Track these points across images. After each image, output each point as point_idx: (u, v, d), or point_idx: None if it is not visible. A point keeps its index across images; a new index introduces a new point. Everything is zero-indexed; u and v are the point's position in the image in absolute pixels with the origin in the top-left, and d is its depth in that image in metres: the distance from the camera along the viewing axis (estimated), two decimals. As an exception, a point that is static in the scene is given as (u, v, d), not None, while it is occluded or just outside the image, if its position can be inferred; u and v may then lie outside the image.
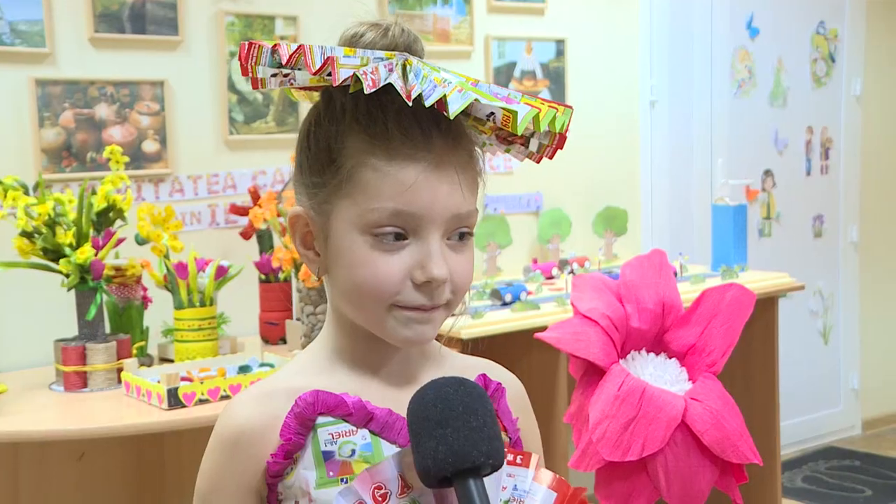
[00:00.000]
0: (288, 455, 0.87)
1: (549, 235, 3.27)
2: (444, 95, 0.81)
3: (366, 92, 0.81)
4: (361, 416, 0.88)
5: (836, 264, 4.26)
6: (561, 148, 0.91)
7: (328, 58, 0.82)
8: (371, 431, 0.88)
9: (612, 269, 3.10)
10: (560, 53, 3.35)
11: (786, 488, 3.59)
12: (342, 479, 0.86)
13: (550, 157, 0.92)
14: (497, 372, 1.00)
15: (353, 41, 0.87)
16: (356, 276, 0.86)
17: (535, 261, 3.24)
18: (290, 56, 0.82)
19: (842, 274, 4.27)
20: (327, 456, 0.87)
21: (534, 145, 0.91)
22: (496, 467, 0.80)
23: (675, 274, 2.96)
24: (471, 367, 0.98)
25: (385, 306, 0.87)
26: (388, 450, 0.87)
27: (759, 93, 3.92)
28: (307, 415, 0.87)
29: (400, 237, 0.85)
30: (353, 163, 0.86)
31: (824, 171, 4.17)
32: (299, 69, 0.84)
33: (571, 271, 3.06)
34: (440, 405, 0.79)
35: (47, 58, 2.46)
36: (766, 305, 2.99)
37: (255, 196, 2.56)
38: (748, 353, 3.02)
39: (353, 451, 0.87)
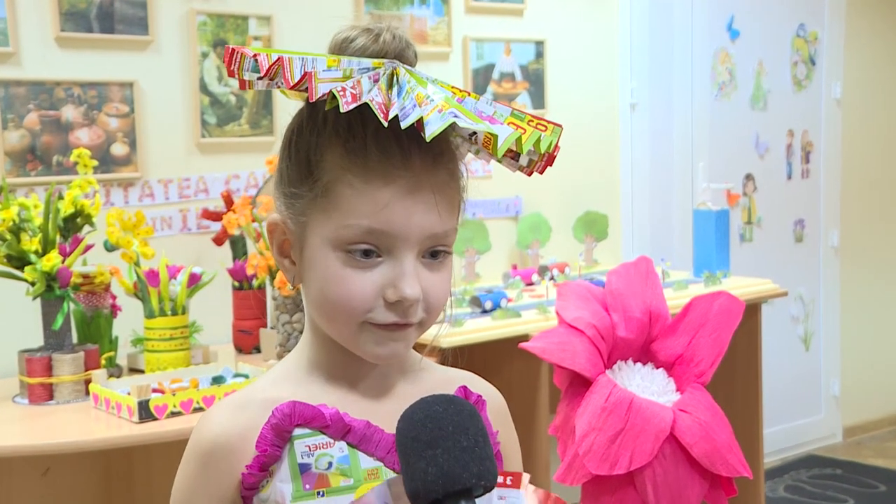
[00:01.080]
0: (263, 467, 0.86)
1: (528, 241, 3.23)
2: (422, 117, 0.80)
3: (341, 111, 0.80)
4: (339, 428, 0.87)
5: (817, 269, 4.25)
6: (550, 165, 0.89)
7: (306, 73, 0.81)
8: (349, 444, 0.88)
9: (592, 275, 3.06)
10: (539, 55, 3.30)
11: (768, 498, 3.57)
12: (318, 493, 0.86)
13: (541, 173, 0.90)
14: (477, 384, 0.99)
15: (343, 45, 0.86)
16: (329, 292, 0.86)
17: (514, 267, 3.19)
18: (269, 68, 0.81)
19: (823, 279, 4.26)
20: (304, 468, 0.86)
21: (524, 160, 0.89)
22: (488, 489, 0.78)
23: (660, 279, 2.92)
24: (450, 380, 0.96)
25: (357, 323, 0.86)
26: (366, 462, 0.87)
27: (740, 96, 3.90)
28: (284, 426, 0.87)
29: (373, 254, 0.85)
30: (330, 178, 0.85)
31: (805, 174, 4.16)
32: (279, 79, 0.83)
33: (552, 277, 3.01)
34: (430, 425, 0.77)
35: (11, 57, 2.39)
36: (750, 312, 2.96)
37: (229, 201, 2.50)
38: (731, 360, 2.98)
39: (331, 464, 0.86)
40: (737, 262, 3.48)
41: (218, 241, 2.50)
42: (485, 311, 2.64)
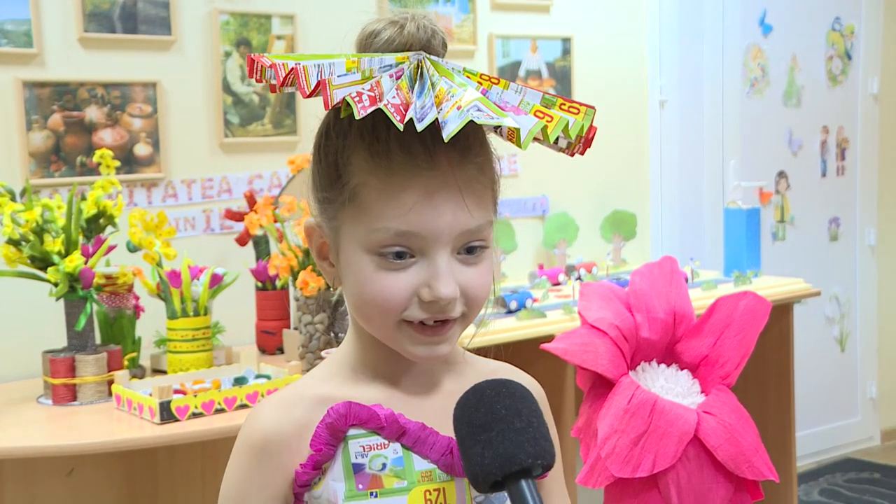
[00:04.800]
0: (317, 466, 0.87)
1: (555, 240, 3.19)
2: (436, 119, 0.79)
3: (356, 118, 0.79)
4: (394, 430, 0.88)
5: (853, 269, 4.16)
6: (589, 146, 0.88)
7: (320, 81, 0.80)
8: (403, 445, 0.88)
9: (620, 274, 3.01)
10: (566, 52, 3.26)
11: (802, 502, 3.50)
12: (371, 493, 0.86)
13: (581, 153, 0.89)
14: (520, 376, 1.00)
15: (369, 39, 0.86)
16: (364, 294, 0.86)
17: (540, 266, 3.16)
18: (285, 78, 0.81)
19: (859, 278, 4.18)
20: (357, 468, 0.87)
21: (562, 142, 0.88)
22: (547, 467, 0.78)
23: (686, 280, 2.88)
24: (494, 372, 0.97)
25: (393, 323, 0.86)
26: (420, 464, 0.88)
27: (773, 92, 3.83)
28: (339, 426, 0.87)
29: (406, 255, 0.85)
30: (357, 182, 0.85)
31: (840, 172, 4.08)
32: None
33: (579, 277, 2.98)
34: (482, 409, 0.79)
35: (35, 58, 2.39)
36: (781, 312, 2.91)
37: (251, 201, 2.49)
38: (762, 361, 2.93)
39: (384, 466, 0.87)
40: (769, 262, 3.42)
41: (241, 241, 2.50)
42: (510, 312, 2.61)
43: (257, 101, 2.68)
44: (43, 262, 2.07)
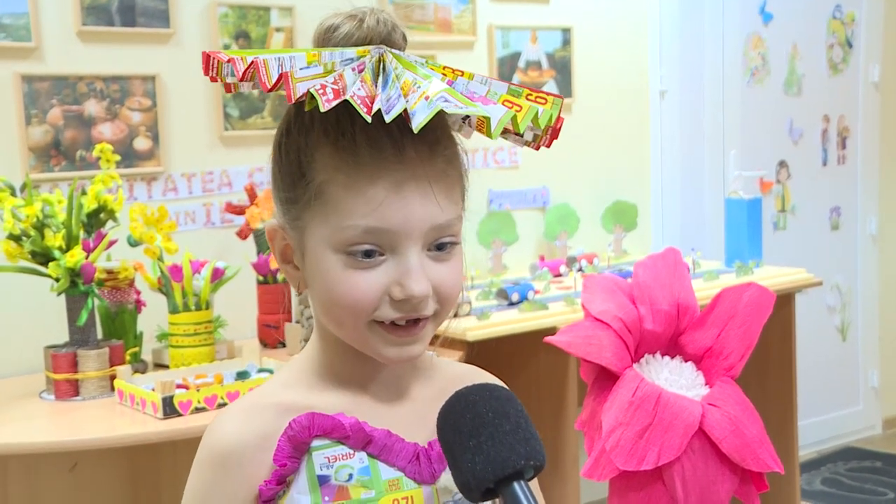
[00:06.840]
0: (281, 480, 0.85)
1: (556, 232, 3.19)
2: (406, 109, 0.76)
3: (321, 110, 0.76)
4: (360, 439, 0.85)
5: (855, 258, 4.15)
6: (556, 138, 0.86)
7: (282, 74, 0.78)
8: (369, 454, 0.86)
9: (621, 265, 3.01)
10: (566, 43, 3.25)
11: (804, 491, 3.50)
12: None
13: (547, 146, 0.87)
14: (489, 379, 0.97)
15: (328, 34, 0.84)
16: (332, 294, 0.83)
17: (542, 258, 3.15)
18: (244, 72, 0.79)
19: (860, 268, 4.17)
20: (323, 480, 0.84)
21: (528, 135, 0.86)
22: (539, 468, 0.76)
23: (688, 271, 2.87)
24: (462, 376, 0.94)
25: (364, 323, 0.84)
26: (386, 473, 0.86)
27: (773, 81, 3.82)
28: (301, 438, 0.85)
29: (375, 253, 0.82)
30: (322, 179, 0.82)
31: (841, 161, 4.07)
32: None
33: (580, 269, 2.97)
34: (469, 415, 0.77)
35: (33, 52, 2.38)
36: (783, 302, 2.90)
37: (252, 194, 2.49)
38: (764, 351, 2.93)
39: (351, 476, 0.85)
40: (770, 251, 3.41)
41: (242, 234, 2.49)
42: (511, 304, 2.60)
43: (257, 93, 2.68)
44: (44, 257, 2.07)
